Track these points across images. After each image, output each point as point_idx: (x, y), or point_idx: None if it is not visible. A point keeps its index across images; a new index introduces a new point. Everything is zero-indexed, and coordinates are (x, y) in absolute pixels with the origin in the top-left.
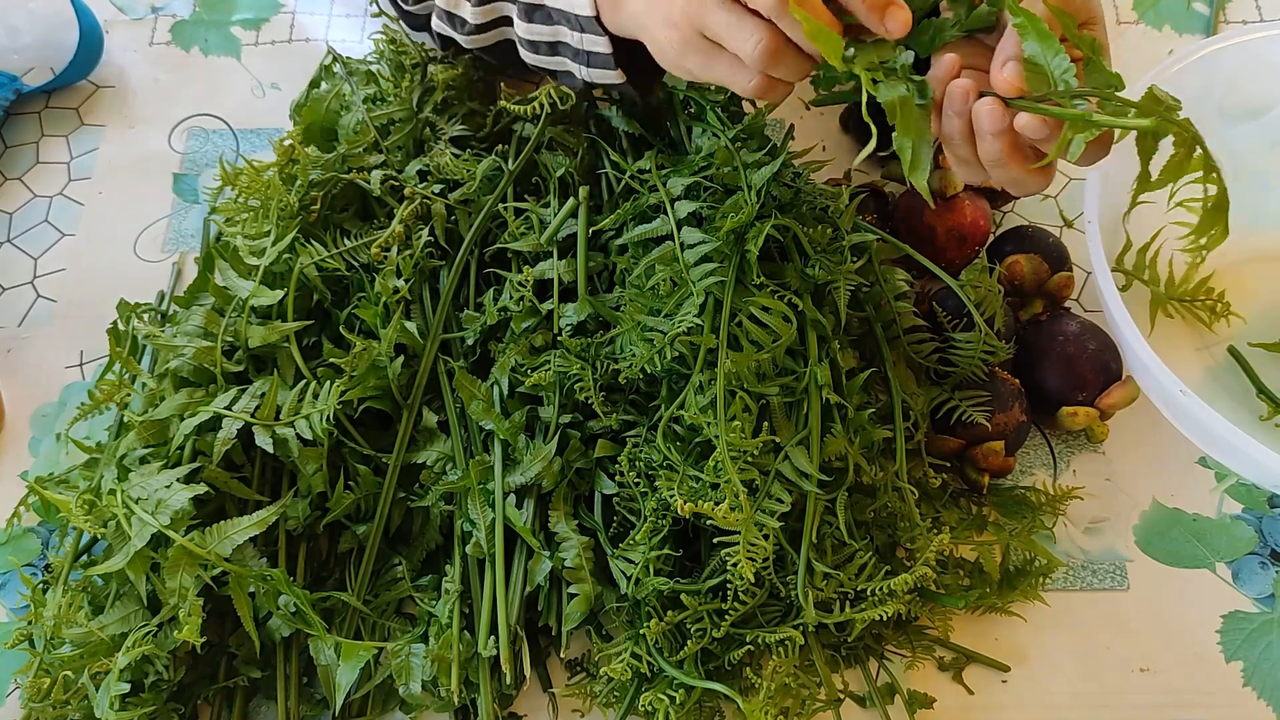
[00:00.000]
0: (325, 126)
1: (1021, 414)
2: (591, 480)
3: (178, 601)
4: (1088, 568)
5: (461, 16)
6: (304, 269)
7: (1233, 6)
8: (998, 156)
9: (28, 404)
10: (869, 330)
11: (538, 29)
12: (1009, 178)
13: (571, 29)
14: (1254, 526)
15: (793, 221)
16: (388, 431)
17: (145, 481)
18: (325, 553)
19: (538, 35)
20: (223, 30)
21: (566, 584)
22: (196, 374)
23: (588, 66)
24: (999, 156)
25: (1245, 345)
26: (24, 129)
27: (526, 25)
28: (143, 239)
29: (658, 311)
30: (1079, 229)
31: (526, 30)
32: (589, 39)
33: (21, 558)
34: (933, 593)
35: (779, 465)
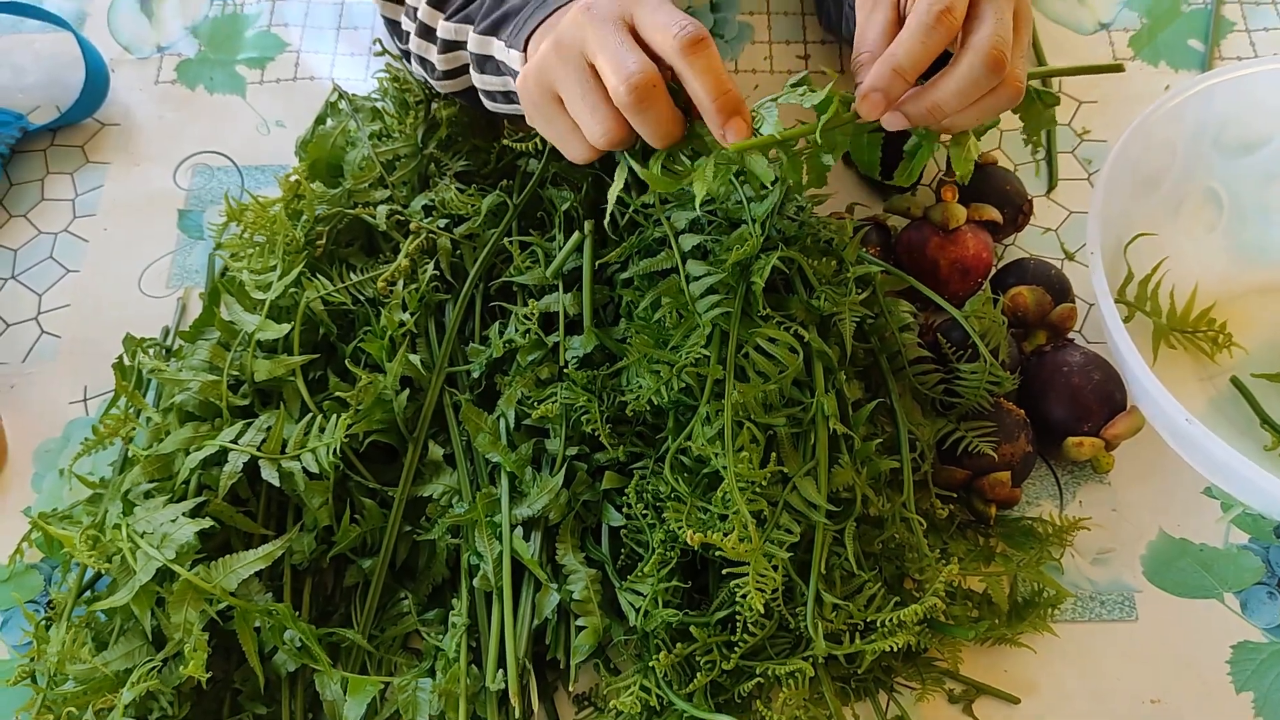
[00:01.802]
0: (331, 162)
1: (1027, 445)
2: (599, 512)
3: (182, 637)
4: (1096, 598)
5: (431, 62)
6: (310, 303)
7: (1227, 43)
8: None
9: (31, 440)
10: (874, 362)
11: (489, 79)
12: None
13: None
14: (1261, 556)
15: (797, 254)
16: (394, 465)
17: (150, 516)
18: (331, 587)
19: (490, 85)
20: (228, 69)
21: (574, 617)
22: (202, 408)
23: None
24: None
25: (1248, 376)
26: (29, 166)
27: (480, 75)
28: (147, 275)
29: (664, 343)
30: (1080, 261)
31: (480, 80)
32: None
33: (24, 594)
34: (942, 624)
35: (787, 496)
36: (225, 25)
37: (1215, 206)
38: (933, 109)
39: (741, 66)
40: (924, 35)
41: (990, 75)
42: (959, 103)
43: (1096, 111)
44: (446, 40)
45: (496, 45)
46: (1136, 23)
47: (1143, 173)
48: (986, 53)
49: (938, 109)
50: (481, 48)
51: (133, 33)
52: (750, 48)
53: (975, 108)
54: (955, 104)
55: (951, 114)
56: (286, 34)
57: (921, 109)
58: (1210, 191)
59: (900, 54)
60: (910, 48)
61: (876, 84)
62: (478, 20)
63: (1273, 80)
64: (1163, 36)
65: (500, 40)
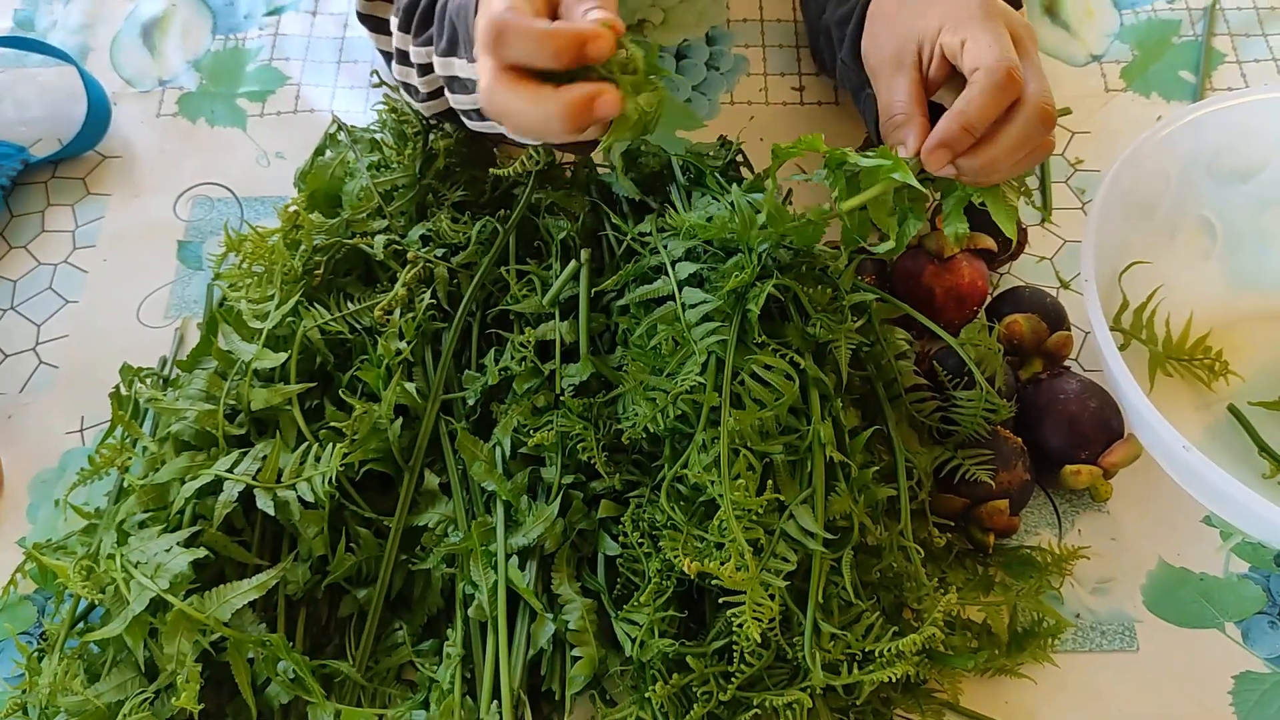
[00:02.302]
0: (329, 193)
1: (1025, 472)
2: (595, 541)
3: (175, 668)
4: (1096, 628)
5: (414, 86)
6: (307, 332)
7: (1219, 75)
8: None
9: (27, 470)
10: (871, 389)
11: (460, 98)
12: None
13: None
14: (1262, 585)
15: (793, 281)
16: (389, 494)
17: (144, 546)
18: (325, 617)
19: (464, 104)
20: (229, 102)
21: (570, 647)
22: (198, 437)
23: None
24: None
25: (1245, 403)
26: (30, 198)
27: (453, 96)
28: (146, 305)
29: (660, 371)
30: (1076, 290)
31: (454, 101)
32: None
33: (17, 625)
34: (941, 654)
35: (784, 524)
36: (227, 59)
37: (1209, 234)
38: (988, 164)
39: (736, 98)
40: (995, 93)
41: (1043, 129)
42: (1013, 157)
43: (1090, 141)
44: (420, 64)
45: (458, 64)
46: (1128, 55)
47: (1136, 201)
48: (1040, 108)
49: (993, 163)
50: (445, 69)
51: (135, 66)
52: (745, 79)
53: (1022, 161)
54: (1009, 159)
55: (1003, 168)
56: (287, 68)
57: (977, 163)
58: (1204, 220)
59: (972, 111)
60: (981, 105)
61: (945, 139)
62: (436, 42)
63: (1264, 109)
64: (1154, 68)
65: (459, 59)
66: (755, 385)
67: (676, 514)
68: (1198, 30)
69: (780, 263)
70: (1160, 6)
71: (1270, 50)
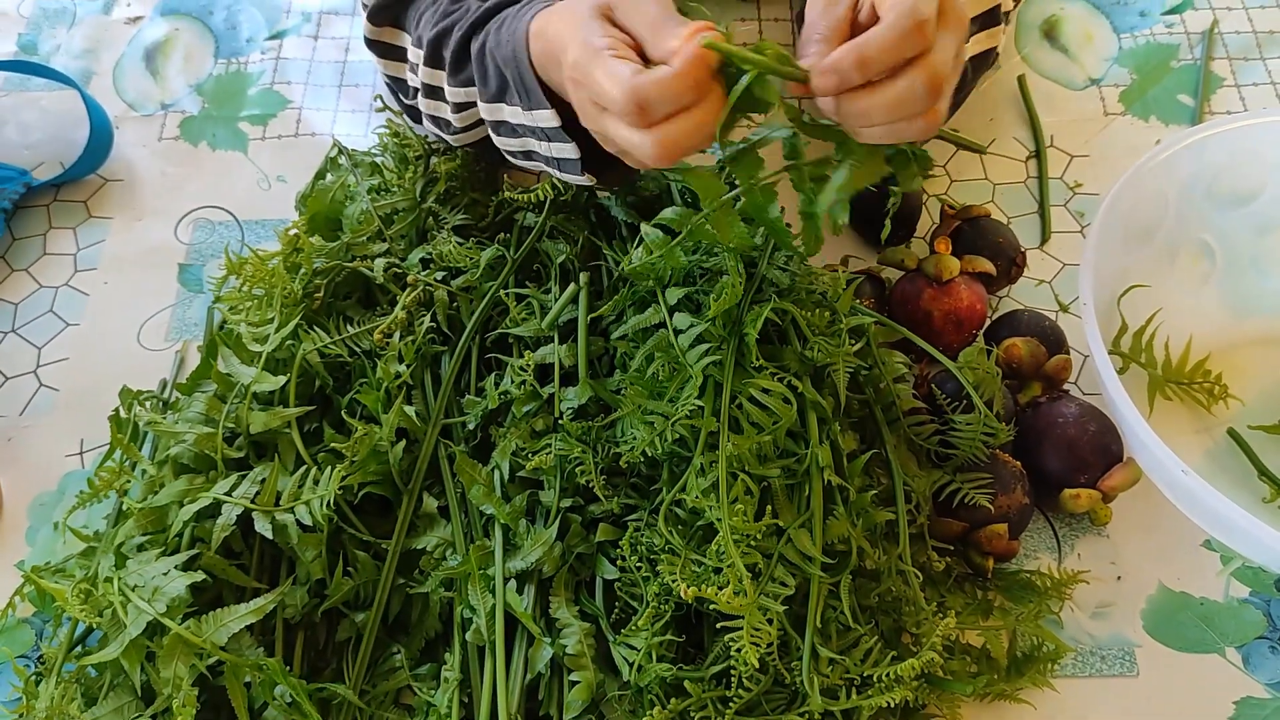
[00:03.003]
0: (330, 216)
1: (1024, 496)
2: (593, 565)
3: (172, 692)
4: (1096, 653)
5: (445, 119)
6: (306, 355)
7: (1217, 98)
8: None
9: (27, 493)
10: (869, 413)
11: (507, 141)
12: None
13: (538, 139)
14: (1262, 610)
15: (790, 305)
16: (388, 517)
17: (142, 569)
18: (323, 641)
19: (509, 147)
20: (230, 126)
21: (568, 671)
22: (197, 460)
23: (559, 171)
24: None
25: (1245, 428)
26: (32, 221)
27: (497, 138)
28: (146, 328)
29: (658, 395)
30: (1074, 313)
31: (501, 143)
32: (556, 147)
33: (15, 649)
34: (940, 679)
35: (782, 548)
36: (228, 83)
37: (1208, 258)
38: (864, 111)
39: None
40: (898, 39)
41: (927, 98)
42: (888, 115)
43: (1088, 165)
44: (457, 103)
45: (507, 110)
46: (1127, 78)
47: (1135, 225)
48: (932, 74)
49: (866, 114)
50: (493, 114)
51: (138, 90)
52: None
53: (892, 127)
54: (884, 115)
55: (875, 124)
56: (289, 91)
57: (854, 108)
58: (1203, 243)
59: (871, 47)
60: (882, 45)
61: (838, 65)
62: (480, 87)
63: (1264, 133)
64: (1153, 92)
65: (510, 105)
66: (753, 409)
67: (675, 538)
68: (1196, 54)
69: (778, 285)
70: (1159, 30)
71: (1269, 74)
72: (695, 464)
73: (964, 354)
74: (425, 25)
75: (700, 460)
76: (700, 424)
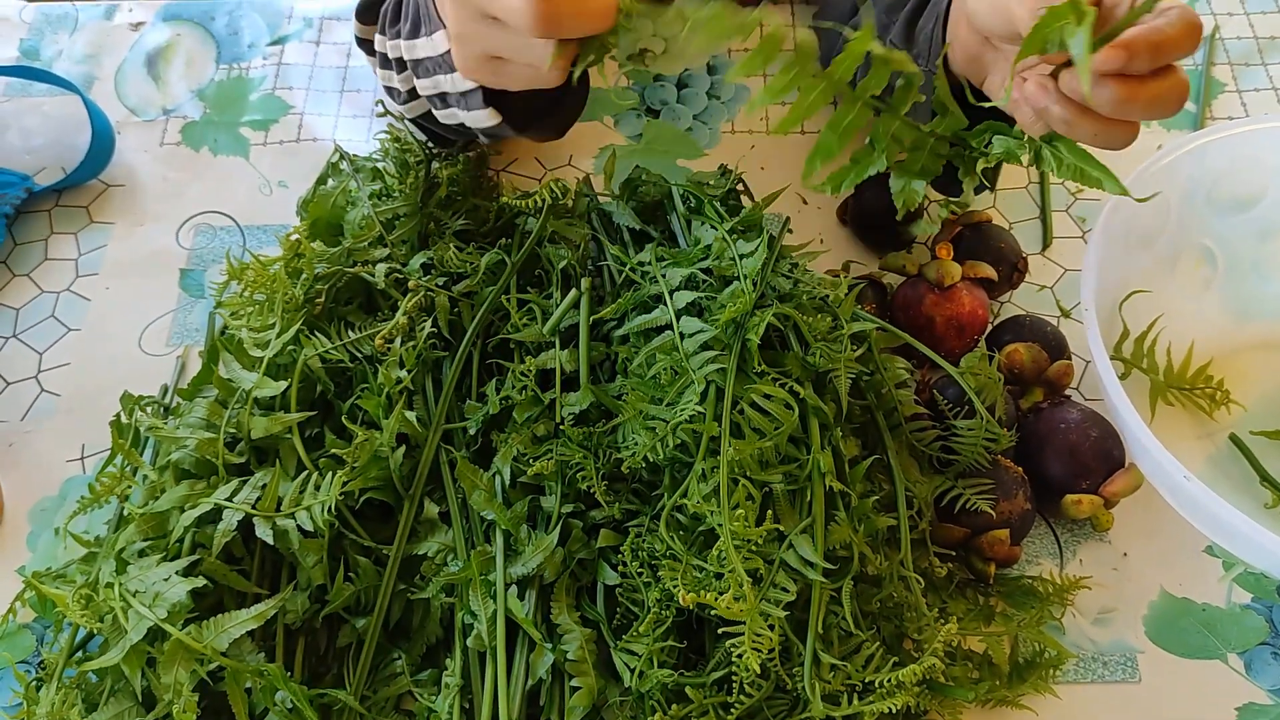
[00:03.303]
0: (331, 222)
1: (1026, 502)
2: (594, 571)
3: (172, 697)
4: (1098, 659)
5: (395, 88)
6: (308, 360)
7: (1219, 104)
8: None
9: (28, 498)
10: (871, 418)
11: (424, 83)
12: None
13: (443, 73)
14: (1265, 616)
15: (793, 311)
16: (389, 523)
17: (143, 574)
18: (324, 647)
19: (429, 89)
20: (232, 131)
21: (569, 677)
22: (198, 466)
23: (468, 110)
24: (1069, 119)
25: (1247, 433)
26: (34, 227)
27: (419, 82)
28: (148, 333)
29: (660, 400)
30: (1076, 319)
31: (421, 86)
32: (456, 78)
33: (15, 654)
34: (942, 685)
35: (783, 554)
36: (230, 88)
37: (1210, 263)
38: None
39: (738, 127)
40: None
41: (1179, 102)
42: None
43: None
44: (396, 59)
45: (420, 44)
46: None
47: (1136, 230)
48: (1185, 81)
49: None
50: (410, 52)
51: (139, 96)
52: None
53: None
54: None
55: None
56: (290, 97)
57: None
58: (1204, 249)
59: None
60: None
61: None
62: (403, 28)
63: (1265, 139)
64: None
65: (421, 37)
66: (755, 414)
67: (676, 543)
68: (1197, 59)
69: (780, 291)
70: None
71: (1270, 79)
72: (697, 469)
73: (966, 359)
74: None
75: (702, 466)
76: (702, 429)
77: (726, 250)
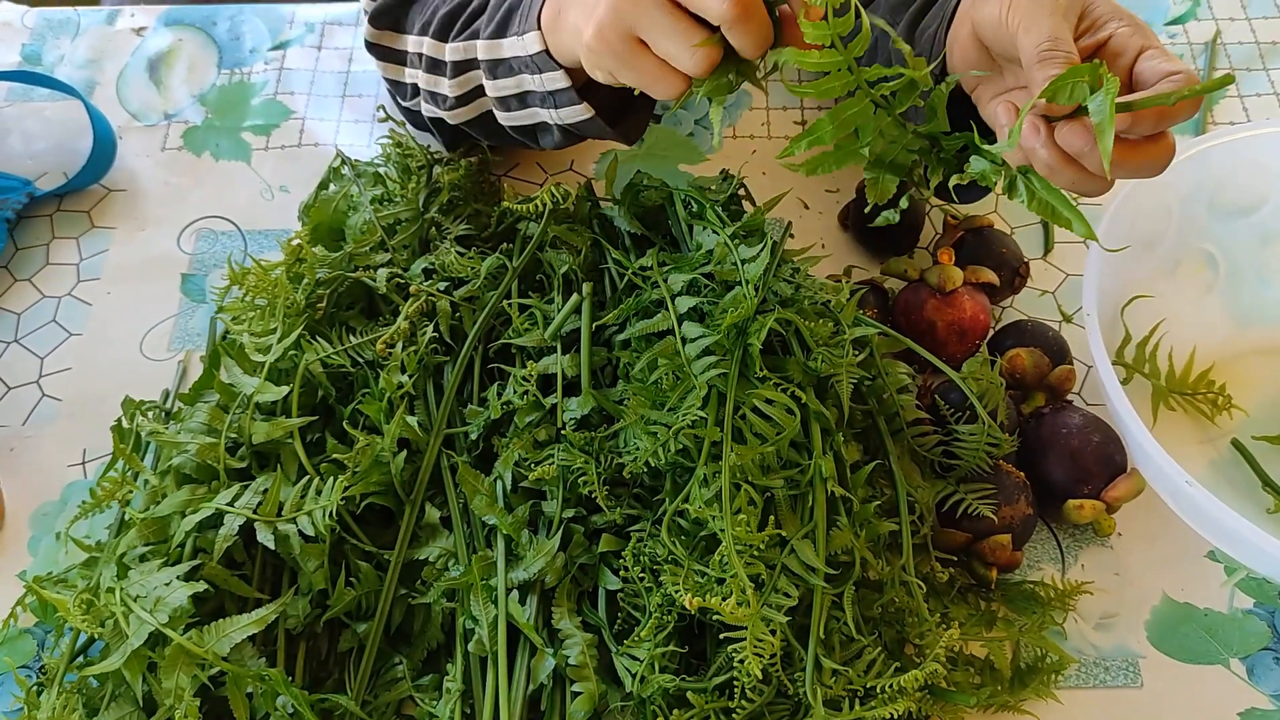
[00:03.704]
0: (333, 226)
1: (1028, 507)
2: (595, 576)
3: (173, 703)
4: (1100, 664)
5: (442, 93)
6: (309, 365)
7: (1220, 109)
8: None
9: (29, 503)
10: (872, 423)
11: (503, 83)
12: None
13: (530, 73)
14: (1267, 621)
15: (794, 316)
16: (390, 528)
17: (144, 579)
18: (325, 652)
19: (505, 90)
20: (234, 136)
21: (570, 682)
22: (199, 471)
23: (556, 109)
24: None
25: (1249, 438)
26: (35, 231)
27: (493, 83)
28: (149, 338)
29: (661, 405)
30: (1078, 324)
31: (494, 88)
32: (548, 77)
33: (17, 659)
34: (944, 690)
35: (785, 559)
36: (232, 93)
37: (1212, 268)
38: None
39: (739, 132)
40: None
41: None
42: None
43: None
44: (455, 63)
45: (506, 43)
46: None
47: (1138, 235)
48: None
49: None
50: (491, 52)
51: (141, 100)
52: (748, 113)
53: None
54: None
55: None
56: (292, 101)
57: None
58: (1206, 253)
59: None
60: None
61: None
62: (483, 30)
63: (1267, 144)
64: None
65: (509, 37)
66: (756, 419)
67: (678, 548)
68: (1199, 65)
69: (782, 296)
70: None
71: (1272, 84)
72: (698, 474)
73: (967, 364)
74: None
75: (703, 471)
76: (703, 434)
77: (728, 255)
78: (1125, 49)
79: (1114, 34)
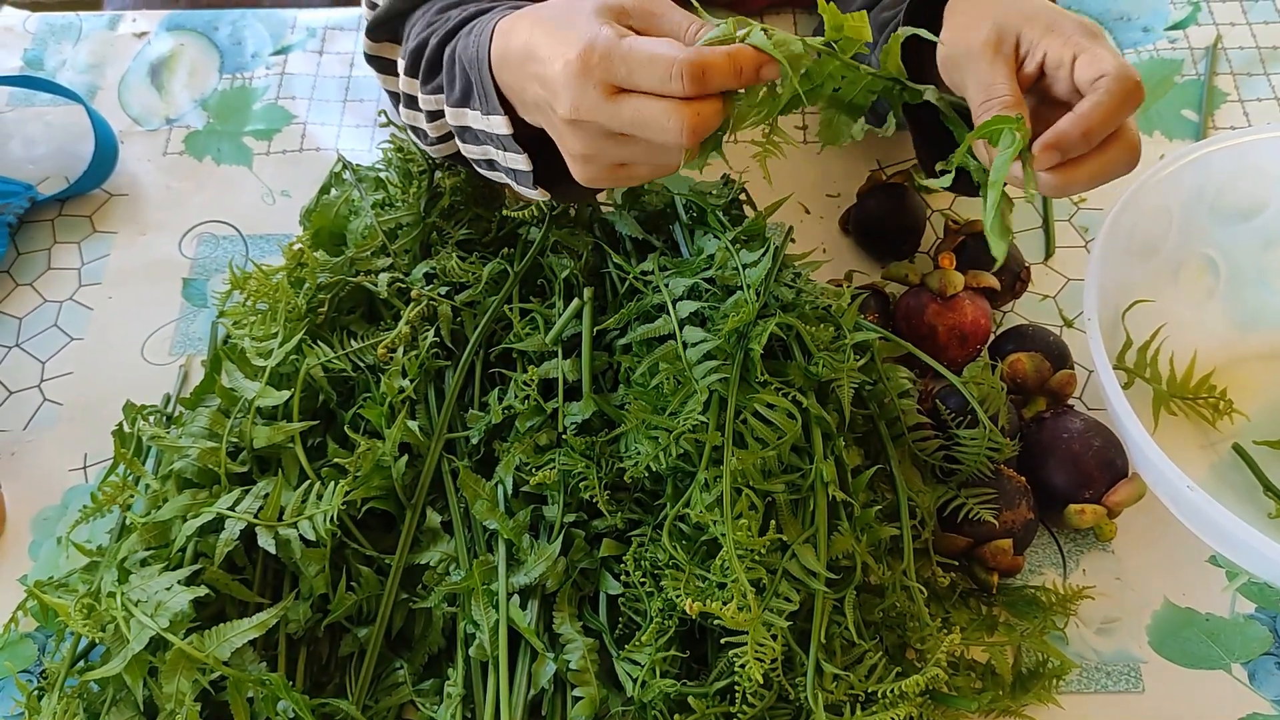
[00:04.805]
0: (334, 231)
1: (1029, 512)
2: (596, 580)
3: (174, 707)
4: (1101, 669)
5: (422, 130)
6: (310, 370)
7: (1221, 114)
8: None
9: (30, 507)
10: (873, 428)
11: (471, 149)
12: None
13: (496, 148)
14: (1268, 626)
15: (795, 320)
16: (391, 532)
17: (145, 584)
18: (326, 656)
19: (474, 154)
20: (235, 141)
21: (571, 687)
22: (200, 475)
23: (516, 184)
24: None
25: (1250, 443)
26: (37, 236)
27: (463, 145)
28: (150, 343)
29: (662, 410)
30: (1079, 328)
31: (466, 150)
32: (510, 157)
33: (18, 664)
34: (945, 695)
35: (786, 564)
36: (233, 98)
37: (1213, 273)
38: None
39: (740, 136)
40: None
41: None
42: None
43: None
44: (430, 110)
45: (470, 115)
46: None
47: (1139, 240)
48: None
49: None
50: (458, 119)
51: (143, 105)
52: None
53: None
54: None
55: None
56: (293, 106)
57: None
58: (1207, 258)
59: (1096, 118)
60: (1107, 112)
61: (1060, 141)
62: (448, 92)
63: (1268, 148)
64: (1157, 107)
65: (472, 110)
66: (757, 424)
67: (679, 553)
68: (1200, 69)
69: (783, 301)
70: (1162, 46)
71: (1272, 89)
72: (699, 479)
73: (968, 369)
74: (411, 38)
75: (704, 475)
76: (705, 439)
77: (729, 260)
78: (1061, 62)
79: (1047, 52)
